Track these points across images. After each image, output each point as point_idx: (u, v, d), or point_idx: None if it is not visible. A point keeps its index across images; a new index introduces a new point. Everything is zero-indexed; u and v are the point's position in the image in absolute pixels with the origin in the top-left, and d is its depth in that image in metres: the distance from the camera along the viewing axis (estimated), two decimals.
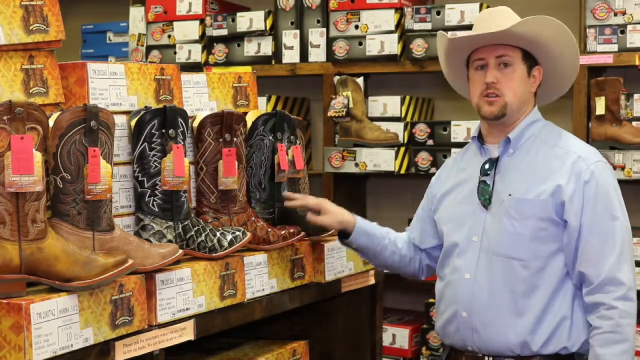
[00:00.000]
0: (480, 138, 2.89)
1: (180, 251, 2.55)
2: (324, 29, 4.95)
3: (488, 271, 2.74)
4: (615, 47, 4.30)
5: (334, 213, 2.97)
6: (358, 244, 3.00)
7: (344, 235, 3.00)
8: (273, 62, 5.08)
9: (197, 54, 5.25)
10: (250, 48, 5.13)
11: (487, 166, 2.79)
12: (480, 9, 4.52)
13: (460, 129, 4.66)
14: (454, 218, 2.87)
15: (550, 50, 2.79)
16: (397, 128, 4.78)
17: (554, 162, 2.73)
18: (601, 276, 2.63)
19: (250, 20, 5.10)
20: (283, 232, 2.93)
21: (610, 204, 2.68)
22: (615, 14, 4.30)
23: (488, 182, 2.78)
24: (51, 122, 2.30)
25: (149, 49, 5.40)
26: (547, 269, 2.70)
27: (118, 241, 2.43)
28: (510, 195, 2.72)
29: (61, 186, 2.34)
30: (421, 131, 4.76)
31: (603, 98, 4.23)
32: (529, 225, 2.69)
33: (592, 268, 2.65)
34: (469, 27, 3.73)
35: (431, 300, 4.61)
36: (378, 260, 3.07)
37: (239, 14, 5.14)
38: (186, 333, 2.58)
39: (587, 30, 4.35)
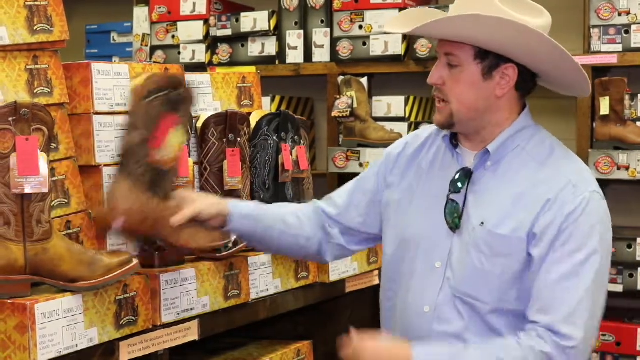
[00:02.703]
0: (453, 138, 2.37)
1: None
2: (328, 29, 4.95)
3: (450, 309, 2.27)
4: (619, 47, 4.30)
5: (198, 200, 2.41)
6: (239, 231, 2.49)
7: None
8: (277, 62, 5.08)
9: (201, 54, 5.25)
10: (254, 48, 5.13)
11: (459, 183, 2.28)
12: None
13: None
14: (414, 231, 2.36)
15: (515, 47, 2.21)
16: (401, 128, 4.77)
17: (540, 187, 2.21)
18: (549, 320, 2.15)
19: (254, 20, 5.10)
20: None
21: (589, 242, 2.17)
22: (620, 14, 4.30)
23: (458, 202, 2.27)
24: None
25: (153, 49, 5.40)
26: (517, 316, 2.22)
27: None
28: (482, 224, 2.23)
29: None
30: None
31: (607, 98, 4.22)
32: (500, 265, 2.21)
33: (541, 309, 2.16)
34: None
35: None
36: (267, 245, 2.58)
37: (243, 14, 5.15)
38: (190, 333, 2.58)
39: (591, 30, 4.35)
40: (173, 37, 5.34)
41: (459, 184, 2.27)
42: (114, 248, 2.59)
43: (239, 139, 2.87)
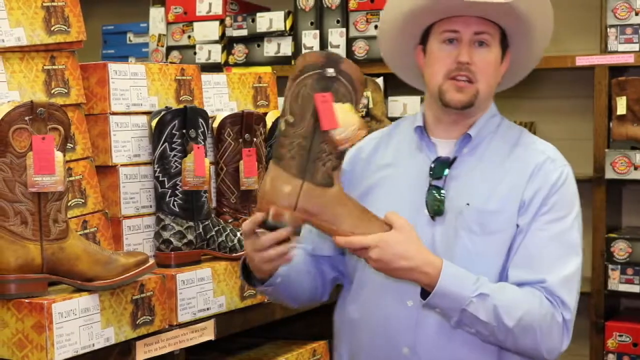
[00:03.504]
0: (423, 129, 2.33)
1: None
2: (344, 29, 4.94)
3: None
4: (636, 47, 4.27)
5: None
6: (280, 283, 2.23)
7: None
8: (293, 62, 5.07)
9: (217, 55, 5.26)
10: (270, 48, 5.13)
11: (440, 169, 2.24)
12: None
13: None
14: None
15: (530, 31, 2.28)
16: None
17: (519, 163, 2.25)
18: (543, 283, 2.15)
19: (270, 20, 5.10)
20: None
21: (572, 209, 2.24)
22: (637, 14, 4.27)
23: (441, 188, 2.22)
24: None
25: (169, 49, 5.40)
26: None
27: None
28: (468, 204, 2.20)
29: None
30: None
31: (624, 98, 4.20)
32: (493, 243, 2.18)
33: (529, 273, 2.15)
34: None
35: None
36: (297, 294, 2.35)
37: (258, 14, 5.14)
38: (207, 333, 2.58)
39: (608, 29, 4.32)
40: (189, 37, 5.34)
41: (441, 171, 2.24)
42: (130, 248, 2.60)
43: (255, 139, 2.87)
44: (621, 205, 4.64)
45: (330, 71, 2.06)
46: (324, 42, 5.01)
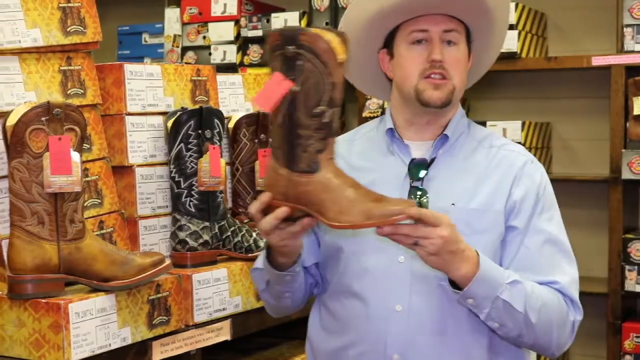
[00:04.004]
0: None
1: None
2: None
3: (427, 301, 2.14)
4: None
5: None
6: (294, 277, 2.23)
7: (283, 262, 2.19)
8: None
9: (232, 55, 5.26)
10: None
11: (417, 171, 2.21)
12: (516, 9, 4.49)
13: (496, 130, 4.62)
14: (363, 233, 2.16)
15: (492, 26, 2.28)
16: None
17: (501, 165, 2.24)
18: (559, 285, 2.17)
19: (285, 20, 5.10)
20: None
21: (557, 212, 2.26)
22: None
23: (423, 189, 2.18)
24: None
25: (184, 50, 5.41)
26: None
27: None
28: (453, 204, 2.17)
29: None
30: None
31: None
32: (481, 242, 2.12)
33: (537, 275, 2.16)
34: None
35: None
36: (294, 299, 2.33)
37: (273, 14, 5.15)
38: (223, 333, 2.59)
39: (624, 29, 4.30)
40: (204, 37, 5.35)
41: (417, 173, 2.21)
42: (146, 248, 2.60)
43: (270, 140, 2.87)
44: (638, 206, 4.62)
45: (290, 49, 1.91)
46: None
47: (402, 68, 2.22)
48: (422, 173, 2.21)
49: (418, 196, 2.17)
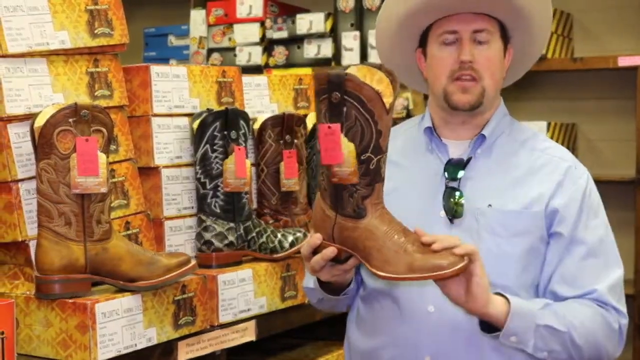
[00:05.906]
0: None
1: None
2: None
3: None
4: None
5: None
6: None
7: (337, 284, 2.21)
8: (333, 64, 5.08)
9: (257, 56, 5.28)
10: (310, 50, 5.14)
11: (455, 171, 2.19)
12: None
13: None
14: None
15: (529, 21, 2.23)
16: None
17: (543, 167, 2.21)
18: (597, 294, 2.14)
19: (310, 22, 5.11)
20: None
21: (604, 216, 2.23)
22: None
23: (459, 190, 2.17)
24: None
25: (210, 51, 5.43)
26: (532, 294, 2.18)
27: None
28: (490, 206, 2.16)
29: None
30: None
31: None
32: (519, 244, 2.13)
33: (578, 286, 2.15)
34: None
35: None
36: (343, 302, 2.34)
37: (298, 16, 5.16)
38: (248, 333, 2.60)
39: None
40: (229, 39, 5.37)
41: (455, 172, 2.18)
42: (172, 249, 2.61)
43: (295, 141, 2.88)
44: None
45: (336, 96, 1.90)
46: (364, 44, 5.01)
47: (433, 69, 2.21)
48: (461, 174, 2.18)
49: (455, 197, 2.16)
